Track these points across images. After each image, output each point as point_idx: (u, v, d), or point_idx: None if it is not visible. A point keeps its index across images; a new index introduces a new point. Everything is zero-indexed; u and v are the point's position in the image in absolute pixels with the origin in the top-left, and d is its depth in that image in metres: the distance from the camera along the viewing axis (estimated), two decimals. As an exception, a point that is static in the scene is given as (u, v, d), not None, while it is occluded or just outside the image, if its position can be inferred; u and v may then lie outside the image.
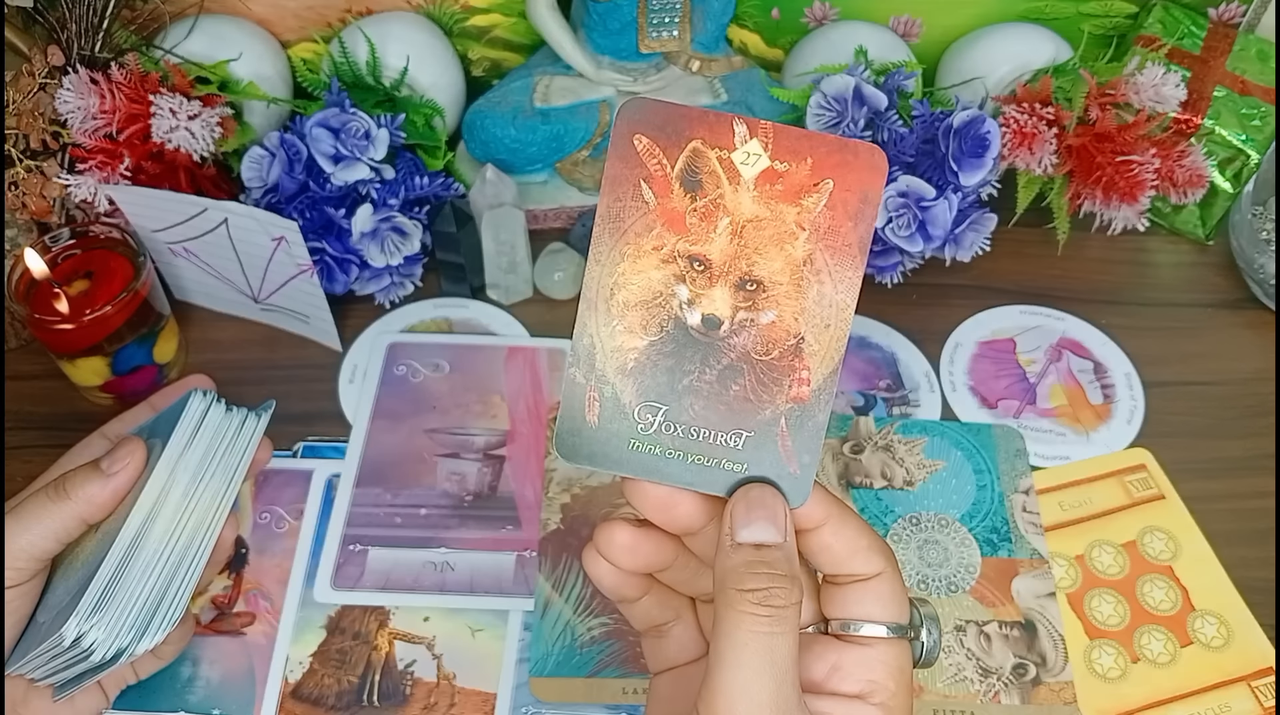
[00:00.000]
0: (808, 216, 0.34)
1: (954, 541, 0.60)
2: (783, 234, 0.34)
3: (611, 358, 0.35)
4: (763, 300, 0.34)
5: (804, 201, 0.34)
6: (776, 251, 0.34)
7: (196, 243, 0.66)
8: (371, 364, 0.69)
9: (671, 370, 0.35)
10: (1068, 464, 0.65)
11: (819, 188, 0.33)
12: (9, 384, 0.68)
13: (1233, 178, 0.76)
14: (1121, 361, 0.70)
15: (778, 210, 0.34)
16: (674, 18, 0.73)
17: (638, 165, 0.34)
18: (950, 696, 0.55)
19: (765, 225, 0.34)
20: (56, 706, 0.48)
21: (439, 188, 0.70)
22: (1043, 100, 0.69)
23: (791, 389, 0.35)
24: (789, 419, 0.35)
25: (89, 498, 0.47)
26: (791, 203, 0.34)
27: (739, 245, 0.34)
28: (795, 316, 0.34)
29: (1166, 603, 0.59)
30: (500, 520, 0.61)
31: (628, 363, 0.35)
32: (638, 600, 0.38)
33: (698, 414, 0.35)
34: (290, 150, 0.66)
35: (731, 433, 0.35)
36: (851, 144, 0.33)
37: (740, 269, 0.34)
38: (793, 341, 0.35)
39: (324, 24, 0.78)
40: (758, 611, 0.32)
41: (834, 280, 0.34)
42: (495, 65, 0.82)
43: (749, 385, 0.35)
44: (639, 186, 0.34)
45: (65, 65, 0.67)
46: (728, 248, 0.34)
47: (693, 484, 0.35)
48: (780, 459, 0.35)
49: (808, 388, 0.35)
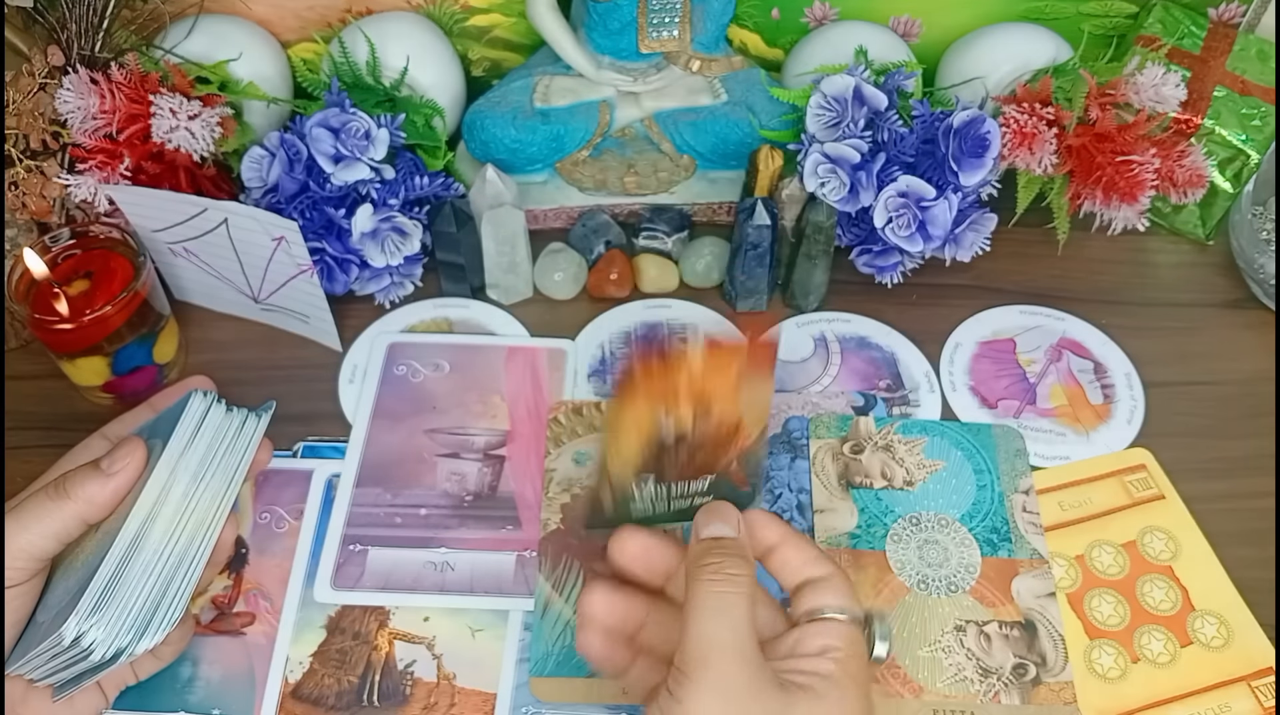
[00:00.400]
0: (735, 355, 0.48)
1: (954, 541, 0.60)
2: (722, 367, 0.48)
3: (620, 461, 0.48)
4: (712, 405, 0.48)
5: (732, 352, 0.48)
6: (719, 377, 0.48)
7: (196, 243, 0.66)
8: (372, 364, 0.69)
9: (658, 456, 0.49)
10: (1068, 464, 0.65)
11: (738, 343, 0.49)
12: (9, 384, 0.68)
13: (1233, 178, 0.76)
14: (1121, 361, 0.70)
15: (716, 358, 0.48)
16: (674, 18, 0.73)
17: (632, 366, 0.49)
18: (950, 696, 0.55)
19: (710, 366, 0.48)
20: (56, 707, 0.48)
21: (439, 188, 0.70)
22: (1043, 100, 0.69)
23: (737, 446, 0.50)
24: (738, 461, 0.50)
25: (89, 497, 0.47)
26: (724, 354, 0.48)
27: (694, 382, 0.48)
28: (734, 409, 0.49)
29: (1166, 603, 0.59)
30: (500, 520, 0.61)
31: (632, 463, 0.48)
32: (629, 669, 0.46)
33: (675, 476, 0.49)
34: (290, 150, 0.66)
35: (700, 480, 0.50)
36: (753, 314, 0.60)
37: (697, 392, 0.48)
38: (734, 421, 0.50)
39: (324, 24, 0.78)
40: (714, 577, 0.42)
41: (754, 385, 0.49)
42: (495, 65, 0.82)
43: (708, 453, 0.49)
44: (634, 375, 0.48)
45: (65, 65, 0.67)
46: (688, 384, 0.48)
47: (677, 521, 0.50)
48: (734, 485, 0.50)
49: (748, 441, 0.50)
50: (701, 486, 0.51)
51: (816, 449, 0.64)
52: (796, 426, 0.66)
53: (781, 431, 0.65)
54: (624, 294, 0.73)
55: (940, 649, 0.56)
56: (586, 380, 0.68)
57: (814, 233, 0.68)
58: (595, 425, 0.65)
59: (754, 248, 0.68)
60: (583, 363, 0.69)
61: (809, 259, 0.69)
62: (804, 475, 0.63)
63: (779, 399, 0.67)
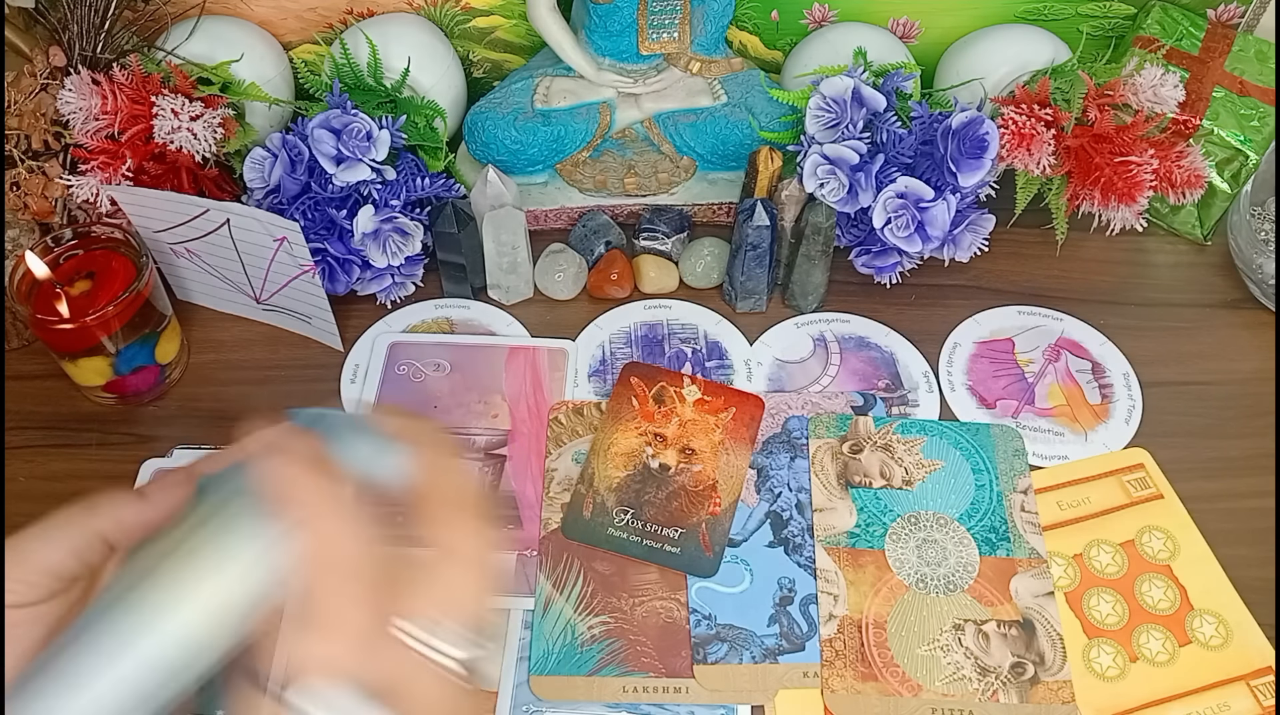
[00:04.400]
0: (722, 422, 0.65)
1: (952, 541, 0.61)
2: (708, 429, 0.64)
3: (604, 481, 0.62)
4: (694, 459, 0.63)
5: (720, 415, 0.65)
6: (704, 437, 0.64)
7: (198, 243, 0.66)
8: (373, 364, 0.69)
9: (638, 491, 0.62)
10: (1066, 463, 0.65)
11: (727, 410, 0.65)
12: (10, 384, 0.68)
13: (1231, 178, 0.76)
14: (1119, 361, 0.70)
15: (705, 418, 0.65)
16: (674, 19, 0.73)
17: (630, 389, 0.66)
18: (948, 695, 0.55)
19: (698, 423, 0.65)
20: None
21: (440, 189, 0.70)
22: (1041, 101, 0.70)
23: (709, 508, 0.61)
24: (707, 525, 0.61)
25: (118, 518, 0.45)
26: (713, 415, 0.65)
27: (682, 431, 0.64)
28: (712, 470, 0.63)
29: (1165, 602, 0.59)
30: (501, 520, 0.62)
31: (614, 484, 0.62)
32: None
33: (651, 516, 0.61)
34: (292, 151, 0.67)
35: (671, 529, 0.60)
36: (745, 392, 0.67)
37: (683, 442, 0.64)
38: (711, 482, 0.62)
39: (325, 25, 0.78)
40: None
41: (734, 453, 0.64)
42: (496, 67, 0.82)
43: (683, 504, 0.61)
44: (630, 401, 0.66)
45: (67, 66, 0.68)
46: (676, 431, 0.64)
47: (644, 559, 0.59)
48: (700, 546, 0.60)
49: (719, 508, 0.61)
50: (673, 535, 0.60)
51: (816, 448, 0.65)
52: (796, 426, 0.66)
53: (781, 431, 0.66)
54: (624, 294, 0.73)
55: (939, 648, 0.57)
56: (587, 380, 0.69)
57: (813, 233, 0.68)
58: (595, 425, 0.66)
59: (753, 248, 0.68)
60: (583, 363, 0.70)
61: (808, 259, 0.70)
62: (803, 474, 0.64)
63: (779, 399, 0.67)
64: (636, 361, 0.69)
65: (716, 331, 0.72)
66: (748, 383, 0.69)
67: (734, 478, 0.63)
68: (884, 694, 0.55)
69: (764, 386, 0.69)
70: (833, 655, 0.56)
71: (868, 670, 0.56)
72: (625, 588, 0.59)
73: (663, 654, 0.56)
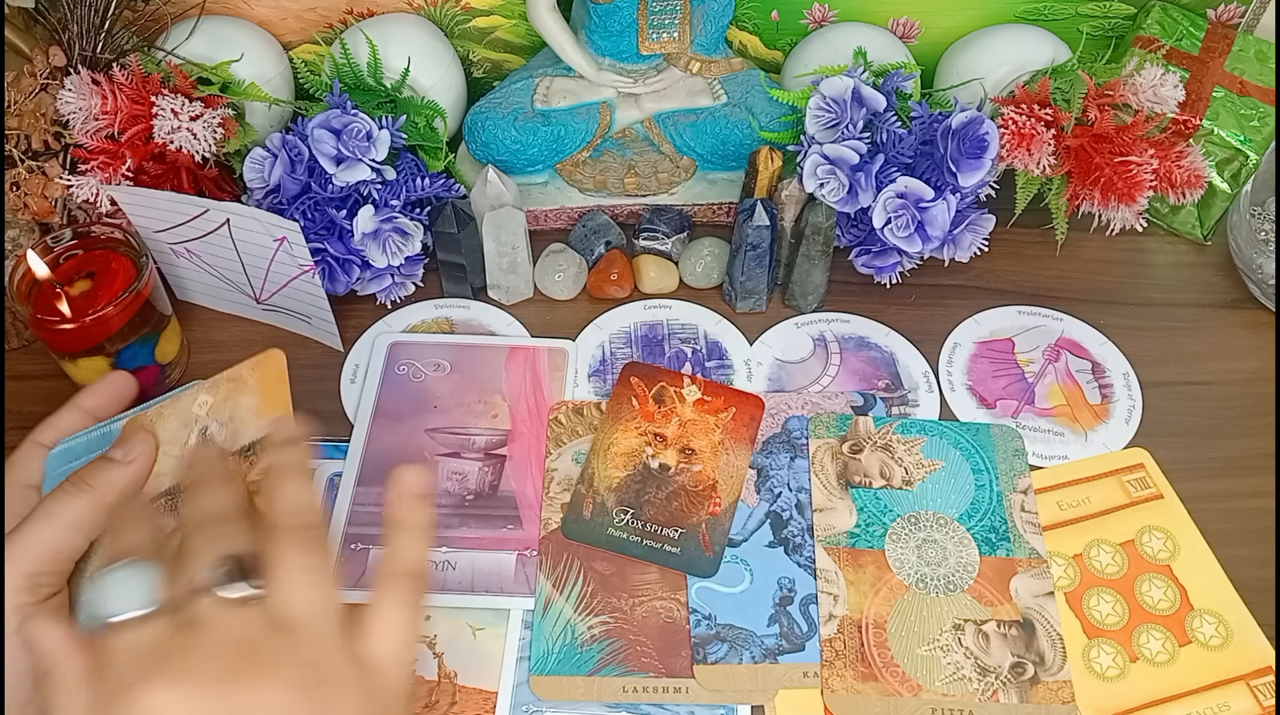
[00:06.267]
0: (722, 422, 0.65)
1: (952, 541, 0.61)
2: (708, 429, 0.65)
3: (604, 481, 0.63)
4: (694, 459, 0.63)
5: (720, 415, 0.65)
6: (704, 437, 0.64)
7: (198, 243, 0.66)
8: (373, 364, 0.69)
9: (638, 491, 0.62)
10: (1066, 463, 0.65)
11: (727, 410, 0.65)
12: (10, 384, 0.68)
13: (1231, 178, 0.76)
14: (1119, 361, 0.70)
15: (705, 418, 0.65)
16: (674, 19, 0.73)
17: (630, 389, 0.66)
18: (948, 695, 0.55)
19: (698, 423, 0.65)
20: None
21: (440, 189, 0.70)
22: (1041, 101, 0.70)
23: (708, 508, 0.61)
24: (707, 525, 0.61)
25: (110, 483, 0.46)
26: (713, 415, 0.65)
27: (682, 431, 0.64)
28: (712, 470, 0.63)
29: (1165, 602, 0.59)
30: (501, 519, 0.62)
31: (614, 484, 0.62)
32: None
33: (651, 516, 0.61)
34: (292, 151, 0.67)
35: (671, 529, 0.60)
36: (745, 393, 0.67)
37: (683, 442, 0.64)
38: (711, 482, 0.62)
39: (325, 25, 0.78)
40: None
41: (733, 453, 0.64)
42: (496, 67, 0.82)
43: (683, 504, 0.61)
44: (630, 401, 0.66)
45: (67, 66, 0.68)
46: (676, 431, 0.64)
47: (644, 559, 0.59)
48: (700, 547, 0.60)
49: (719, 508, 0.61)
50: (673, 535, 0.60)
51: (816, 448, 0.65)
52: (796, 426, 0.66)
53: (781, 431, 0.66)
54: (624, 294, 0.73)
55: (938, 648, 0.57)
56: (587, 380, 0.69)
57: (813, 233, 0.68)
58: (595, 425, 0.66)
59: (753, 248, 0.69)
60: (583, 363, 0.70)
61: (808, 259, 0.70)
62: (803, 474, 0.64)
63: (779, 399, 0.67)
64: (636, 361, 0.69)
65: (716, 331, 0.72)
66: (748, 383, 0.69)
67: (734, 478, 0.63)
68: (884, 694, 0.55)
69: (764, 386, 0.69)
70: (833, 655, 0.56)
71: (868, 670, 0.56)
72: (625, 588, 0.59)
73: (663, 654, 0.56)
